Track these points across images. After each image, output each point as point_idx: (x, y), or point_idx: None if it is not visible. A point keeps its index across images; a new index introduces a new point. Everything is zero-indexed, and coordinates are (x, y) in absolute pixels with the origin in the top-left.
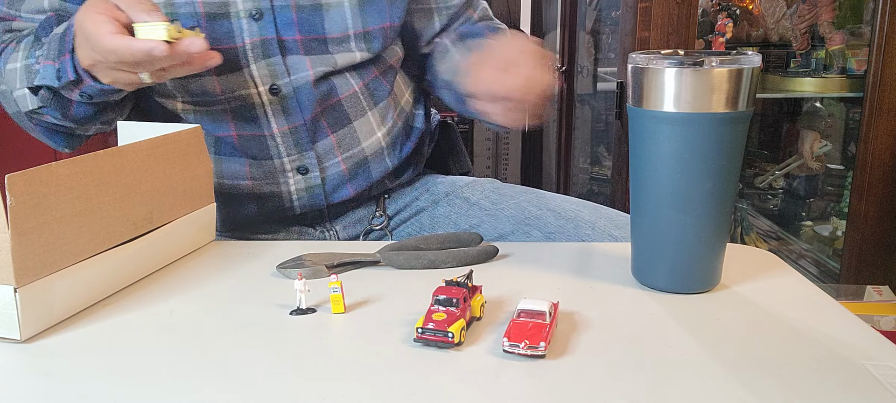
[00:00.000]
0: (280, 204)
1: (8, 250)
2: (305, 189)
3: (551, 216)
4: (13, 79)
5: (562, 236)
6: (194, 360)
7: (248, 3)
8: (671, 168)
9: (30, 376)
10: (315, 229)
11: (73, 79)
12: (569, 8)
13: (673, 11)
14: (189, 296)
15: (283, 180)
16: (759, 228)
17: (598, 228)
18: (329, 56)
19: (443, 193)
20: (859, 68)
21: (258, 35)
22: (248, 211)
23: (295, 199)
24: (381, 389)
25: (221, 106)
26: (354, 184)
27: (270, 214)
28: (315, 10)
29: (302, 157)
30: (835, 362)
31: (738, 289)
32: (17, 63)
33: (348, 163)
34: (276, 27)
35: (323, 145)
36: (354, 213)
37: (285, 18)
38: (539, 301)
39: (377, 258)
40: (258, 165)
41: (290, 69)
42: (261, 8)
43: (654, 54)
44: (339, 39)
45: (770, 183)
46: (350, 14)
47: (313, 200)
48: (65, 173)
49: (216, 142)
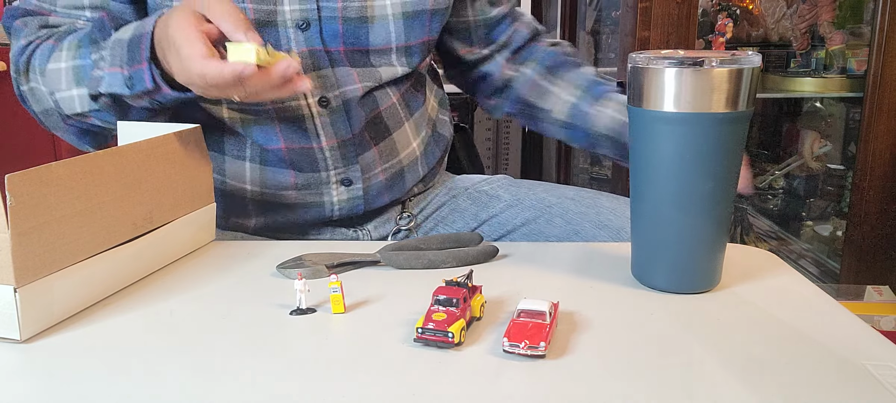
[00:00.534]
0: (321, 213)
1: (8, 250)
2: (347, 199)
3: (572, 203)
4: (56, 80)
5: (584, 222)
6: (194, 360)
7: (296, 13)
8: (671, 168)
9: (30, 376)
10: (349, 229)
11: (150, 88)
12: (569, 8)
13: (673, 11)
14: (189, 296)
15: (326, 191)
16: (759, 228)
17: (618, 213)
18: (374, 69)
19: (461, 188)
20: (859, 68)
21: (305, 45)
22: (287, 219)
23: (336, 208)
24: (381, 389)
25: (270, 116)
26: (390, 193)
27: (309, 221)
28: (361, 23)
29: (347, 170)
30: (835, 362)
31: (738, 289)
32: (62, 63)
33: (387, 174)
34: (322, 38)
35: (366, 157)
36: (384, 215)
37: (331, 30)
38: (539, 301)
39: (377, 258)
40: (304, 177)
41: (339, 81)
42: (308, 18)
43: (654, 54)
44: (382, 52)
45: (770, 183)
46: (394, 27)
47: (353, 209)
48: (65, 173)
49: (262, 152)
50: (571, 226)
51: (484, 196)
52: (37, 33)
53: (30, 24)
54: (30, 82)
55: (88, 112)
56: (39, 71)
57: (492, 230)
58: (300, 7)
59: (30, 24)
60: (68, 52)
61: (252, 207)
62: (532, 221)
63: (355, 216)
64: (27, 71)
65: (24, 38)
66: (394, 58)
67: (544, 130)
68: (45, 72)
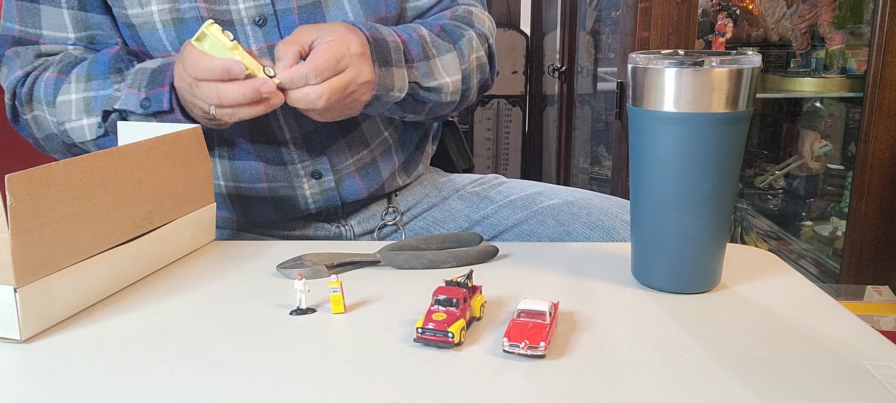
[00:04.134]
0: (296, 206)
1: (8, 250)
2: (320, 192)
3: (563, 204)
4: (67, 112)
5: (575, 223)
6: (194, 360)
7: (251, 10)
8: (671, 168)
9: (30, 376)
10: (332, 225)
11: (166, 110)
12: (569, 8)
13: (673, 11)
14: (189, 296)
15: (298, 184)
16: (759, 228)
17: (610, 214)
18: None
19: (452, 190)
20: (859, 68)
21: (264, 42)
22: (265, 213)
23: (310, 202)
24: (381, 389)
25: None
26: (366, 183)
27: (288, 214)
28: (316, 8)
29: (315, 163)
30: (835, 362)
31: (738, 289)
32: (72, 95)
33: (358, 165)
34: (279, 32)
35: (334, 149)
36: (368, 210)
37: (288, 22)
38: (539, 301)
39: (377, 258)
40: (272, 170)
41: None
42: (264, 14)
43: (654, 54)
44: None
45: (770, 183)
46: (350, 7)
47: (328, 201)
48: (65, 173)
49: (230, 147)
50: (563, 227)
51: (476, 197)
52: (33, 63)
53: (23, 54)
54: (33, 111)
55: (96, 138)
56: (46, 102)
57: (484, 231)
58: (255, 3)
59: (23, 54)
60: (77, 84)
61: (229, 202)
62: (524, 222)
63: (333, 209)
64: (30, 101)
65: (20, 69)
66: None
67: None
68: (55, 105)
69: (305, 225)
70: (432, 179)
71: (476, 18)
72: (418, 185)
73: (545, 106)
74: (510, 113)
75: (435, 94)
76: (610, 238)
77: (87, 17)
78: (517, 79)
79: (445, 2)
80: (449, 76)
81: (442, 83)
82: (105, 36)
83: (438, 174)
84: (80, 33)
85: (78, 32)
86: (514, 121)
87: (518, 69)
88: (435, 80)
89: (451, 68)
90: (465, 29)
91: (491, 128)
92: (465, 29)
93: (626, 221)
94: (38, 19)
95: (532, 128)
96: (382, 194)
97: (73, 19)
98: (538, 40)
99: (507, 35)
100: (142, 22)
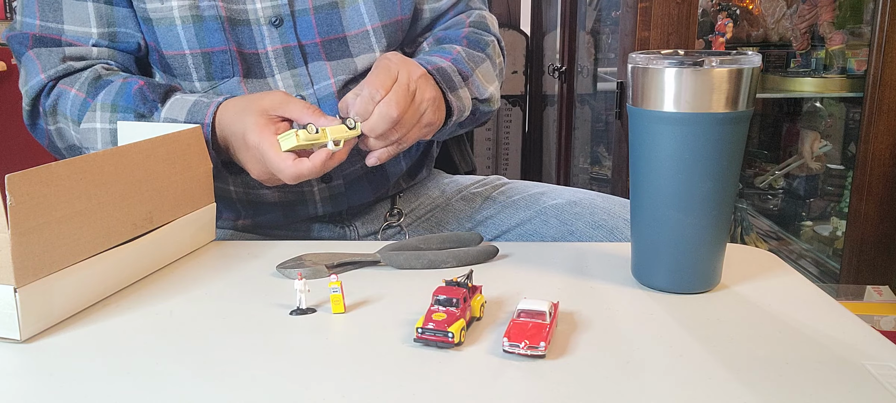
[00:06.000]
0: (305, 210)
1: (8, 250)
2: (329, 196)
3: (566, 204)
4: (92, 139)
5: (578, 222)
6: (194, 360)
7: (268, 10)
8: (671, 168)
9: (30, 376)
10: (336, 226)
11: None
12: (569, 8)
13: (673, 11)
14: (189, 296)
15: (307, 188)
16: (759, 228)
17: (613, 213)
18: (350, 60)
19: (455, 191)
20: (859, 68)
21: (279, 42)
22: (274, 217)
23: (319, 205)
24: (381, 389)
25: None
26: (373, 188)
27: (296, 217)
28: (332, 9)
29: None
30: (835, 362)
31: (738, 289)
32: (97, 124)
33: (367, 169)
34: (296, 33)
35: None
36: (372, 211)
37: (304, 23)
38: (539, 301)
39: (377, 258)
40: None
41: (313, 78)
42: (281, 14)
43: (654, 54)
44: (359, 37)
45: (770, 183)
46: (365, 9)
47: (336, 205)
48: (65, 173)
49: None
50: (566, 227)
51: (478, 197)
52: (57, 68)
53: (44, 57)
54: (58, 124)
55: None
56: (72, 121)
57: (486, 231)
58: (272, 4)
59: (44, 57)
60: (102, 113)
61: (239, 206)
62: (527, 222)
63: (339, 211)
64: (54, 114)
65: (42, 73)
66: (372, 41)
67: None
68: (80, 128)
69: (310, 226)
70: (435, 181)
71: (490, 22)
72: (421, 187)
73: (545, 106)
74: (510, 113)
75: (486, 105)
76: (613, 237)
77: (112, 11)
78: (517, 79)
79: (461, 4)
80: (491, 85)
81: (490, 93)
82: (127, 34)
83: (441, 176)
84: (103, 29)
85: (100, 28)
86: (514, 121)
87: (518, 69)
88: (486, 92)
89: (489, 77)
90: (485, 35)
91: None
92: (485, 35)
93: (628, 221)
94: (61, 13)
95: (532, 128)
96: (386, 196)
97: (97, 13)
98: (538, 40)
99: (507, 35)
100: (160, 17)
